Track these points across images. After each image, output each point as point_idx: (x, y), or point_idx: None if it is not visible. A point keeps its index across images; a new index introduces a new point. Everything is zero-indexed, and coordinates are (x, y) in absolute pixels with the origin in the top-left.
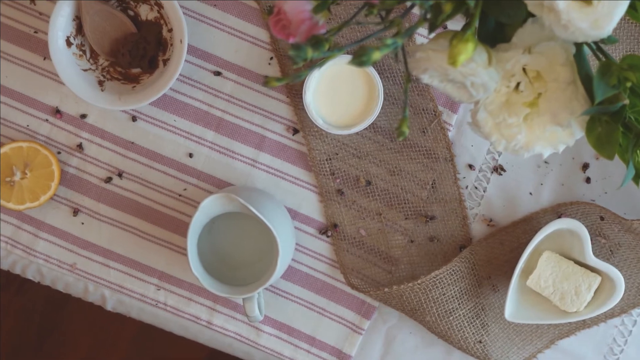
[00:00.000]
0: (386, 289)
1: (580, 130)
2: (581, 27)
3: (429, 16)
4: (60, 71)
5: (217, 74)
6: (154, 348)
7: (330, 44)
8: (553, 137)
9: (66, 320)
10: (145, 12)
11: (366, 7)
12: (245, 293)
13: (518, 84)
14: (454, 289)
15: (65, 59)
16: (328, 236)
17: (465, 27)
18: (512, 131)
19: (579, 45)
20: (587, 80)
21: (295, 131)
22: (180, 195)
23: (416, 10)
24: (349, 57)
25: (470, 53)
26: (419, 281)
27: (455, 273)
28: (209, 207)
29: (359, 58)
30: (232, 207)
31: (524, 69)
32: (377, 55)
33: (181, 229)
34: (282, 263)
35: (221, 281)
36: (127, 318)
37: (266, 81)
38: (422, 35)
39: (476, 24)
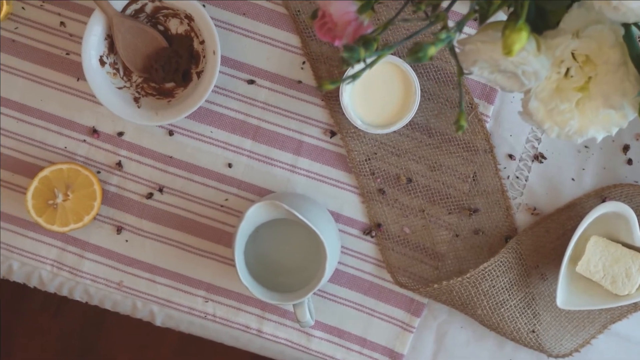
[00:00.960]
0: (435, 285)
1: (634, 112)
2: (633, 7)
3: (477, 8)
4: (96, 91)
5: (251, 82)
6: None
7: (378, 43)
8: (606, 120)
9: (106, 338)
10: (175, 26)
11: (412, 4)
12: (295, 299)
13: (568, 70)
14: (503, 280)
15: (99, 78)
16: (372, 236)
17: (513, 17)
18: (564, 117)
19: (627, 27)
20: (638, 61)
21: (333, 134)
22: (221, 206)
23: (456, 7)
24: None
25: (525, 42)
26: (468, 275)
27: (503, 264)
28: (254, 215)
29: (415, 54)
30: (276, 214)
31: (572, 54)
32: (432, 51)
33: (225, 239)
34: (330, 266)
35: (269, 289)
36: (166, 332)
37: (320, 85)
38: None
39: (525, 12)
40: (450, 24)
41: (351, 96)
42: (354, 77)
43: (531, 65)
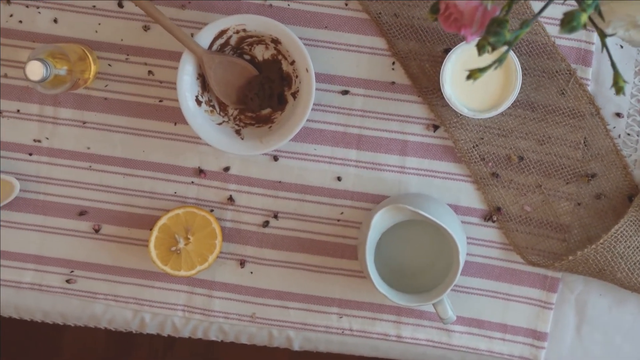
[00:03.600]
0: (570, 257)
1: None
2: None
3: None
4: (199, 131)
5: (345, 92)
6: None
7: (508, 23)
8: None
9: None
10: (261, 52)
11: None
12: (434, 297)
13: None
14: (637, 239)
15: (200, 118)
16: (494, 221)
17: None
18: None
19: None
20: None
21: (436, 127)
22: (338, 220)
23: None
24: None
25: None
26: (601, 241)
27: (634, 223)
28: (379, 222)
29: (569, 24)
30: (399, 217)
31: None
32: (584, 18)
33: (347, 252)
34: (462, 259)
35: (403, 292)
36: (274, 352)
37: (470, 74)
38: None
39: None
40: None
41: (452, 86)
42: (500, 60)
43: None
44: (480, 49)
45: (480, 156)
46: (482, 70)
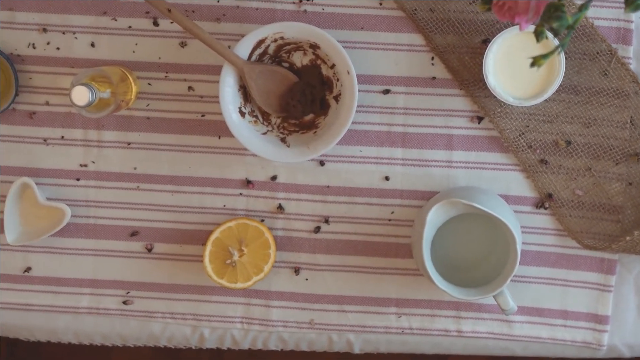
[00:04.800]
0: (628, 238)
1: None
2: None
3: None
4: (245, 143)
5: (386, 92)
6: None
7: (564, 7)
8: None
9: None
10: (299, 59)
11: None
12: (494, 289)
13: None
14: None
15: (245, 130)
16: (546, 208)
17: None
18: None
19: None
20: None
21: (480, 119)
22: (389, 220)
23: None
24: (516, 30)
25: None
26: None
27: None
28: (434, 218)
29: (634, 3)
30: (453, 212)
31: None
32: None
33: (401, 252)
34: (520, 249)
35: (465, 287)
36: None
37: (534, 62)
38: None
39: None
40: None
41: (495, 76)
42: (562, 45)
43: None
44: (539, 35)
45: (527, 144)
46: (545, 56)
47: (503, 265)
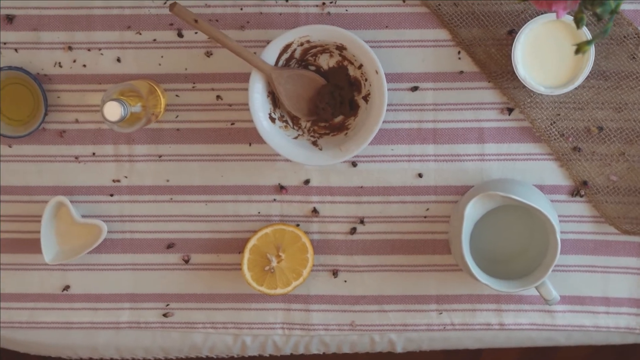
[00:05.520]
0: None
1: None
2: None
3: None
4: (278, 148)
5: (414, 89)
6: None
7: None
8: None
9: None
10: (326, 61)
11: None
12: (536, 280)
13: None
14: None
15: (276, 136)
16: (581, 196)
17: None
18: None
19: None
20: None
21: (510, 110)
22: (425, 217)
23: None
24: (543, 19)
25: None
26: None
27: None
28: (472, 212)
29: None
30: (490, 205)
31: None
32: None
33: (438, 248)
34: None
35: (503, 279)
36: None
37: (578, 48)
38: None
39: None
40: None
41: (525, 66)
42: (604, 32)
43: None
44: (579, 22)
45: (559, 132)
46: (589, 42)
47: (542, 256)
